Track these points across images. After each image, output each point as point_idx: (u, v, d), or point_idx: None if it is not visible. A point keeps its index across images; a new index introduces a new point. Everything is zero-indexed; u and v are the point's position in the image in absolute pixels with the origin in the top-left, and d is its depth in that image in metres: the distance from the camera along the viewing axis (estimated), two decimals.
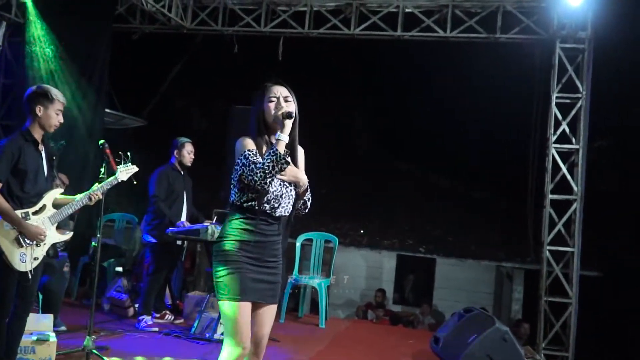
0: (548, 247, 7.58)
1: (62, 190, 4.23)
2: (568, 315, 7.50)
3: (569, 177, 7.60)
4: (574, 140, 7.65)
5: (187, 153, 6.44)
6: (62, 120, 4.09)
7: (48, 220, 4.07)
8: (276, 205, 3.05)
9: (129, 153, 4.60)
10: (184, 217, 6.44)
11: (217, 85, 12.49)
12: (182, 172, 6.47)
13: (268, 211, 3.03)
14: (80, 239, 7.19)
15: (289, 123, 3.02)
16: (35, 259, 3.99)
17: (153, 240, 6.30)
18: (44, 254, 4.08)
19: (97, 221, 7.53)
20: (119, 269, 7.50)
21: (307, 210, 3.19)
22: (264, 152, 3.03)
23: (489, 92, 10.77)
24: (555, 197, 7.64)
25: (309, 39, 8.61)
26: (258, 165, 2.95)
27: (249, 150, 3.01)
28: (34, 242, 3.96)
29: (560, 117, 7.64)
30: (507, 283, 10.89)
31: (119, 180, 4.48)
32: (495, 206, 11.21)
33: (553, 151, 7.63)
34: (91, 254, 7.38)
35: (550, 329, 7.55)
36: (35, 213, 4.01)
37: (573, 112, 7.61)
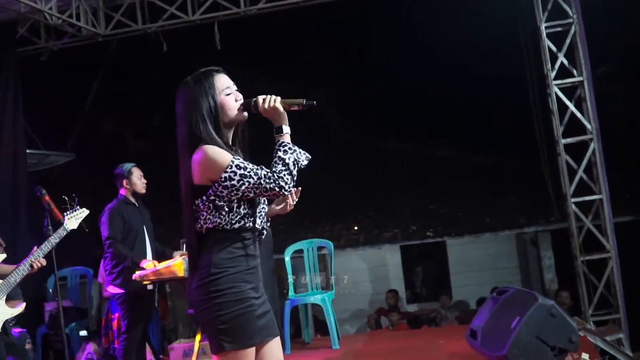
0: (572, 200, 7.69)
1: (4, 255, 4.19)
2: (610, 271, 7.64)
3: (578, 114, 7.73)
4: (575, 72, 7.77)
5: (138, 179, 6.35)
6: None
7: None
8: (262, 220, 3.06)
9: (74, 195, 4.57)
10: (149, 256, 6.38)
11: (149, 96, 12.40)
12: (136, 204, 6.41)
13: (258, 226, 3.02)
14: (32, 307, 7.08)
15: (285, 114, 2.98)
16: None
17: (119, 290, 6.22)
18: None
19: (45, 283, 7.52)
20: (84, 332, 7.43)
21: None
22: None
23: (469, 38, 10.86)
24: (569, 140, 7.75)
25: (248, 18, 8.58)
26: (279, 168, 2.88)
27: (236, 158, 2.90)
28: None
29: (554, 49, 7.76)
30: (533, 250, 11.05)
31: (69, 230, 4.45)
32: (502, 167, 11.33)
33: (555, 89, 7.74)
34: (48, 322, 7.30)
35: (593, 292, 7.67)
36: None
37: (568, 41, 7.73)
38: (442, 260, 11.50)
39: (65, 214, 4.54)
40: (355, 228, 11.25)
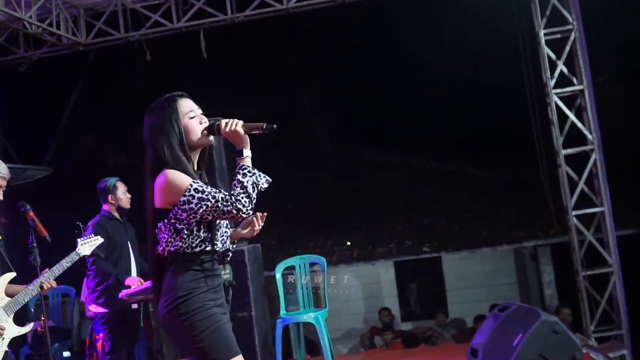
0: (573, 212, 7.72)
1: (14, 274, 4.26)
2: (612, 286, 7.67)
3: (579, 124, 7.78)
4: (575, 80, 7.83)
5: (123, 194, 6.38)
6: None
7: (3, 312, 4.12)
8: (224, 243, 3.21)
9: (79, 223, 4.67)
10: (134, 273, 6.37)
11: (132, 107, 12.38)
12: (120, 220, 6.41)
13: (219, 249, 3.16)
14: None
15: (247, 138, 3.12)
16: None
17: (102, 310, 6.21)
18: (5, 348, 4.08)
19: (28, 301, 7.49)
20: (67, 354, 7.43)
21: None
22: None
23: (465, 45, 10.94)
24: (569, 151, 7.80)
25: (234, 25, 8.61)
26: (237, 191, 3.00)
27: (195, 182, 3.04)
28: None
29: (553, 56, 7.82)
30: (532, 265, 11.09)
31: (81, 256, 4.56)
32: (500, 179, 11.37)
33: (554, 98, 7.79)
34: (31, 342, 7.29)
35: (595, 308, 7.70)
36: None
37: (567, 48, 7.79)
38: (438, 276, 11.51)
39: (78, 239, 4.75)
40: (348, 243, 11.28)
